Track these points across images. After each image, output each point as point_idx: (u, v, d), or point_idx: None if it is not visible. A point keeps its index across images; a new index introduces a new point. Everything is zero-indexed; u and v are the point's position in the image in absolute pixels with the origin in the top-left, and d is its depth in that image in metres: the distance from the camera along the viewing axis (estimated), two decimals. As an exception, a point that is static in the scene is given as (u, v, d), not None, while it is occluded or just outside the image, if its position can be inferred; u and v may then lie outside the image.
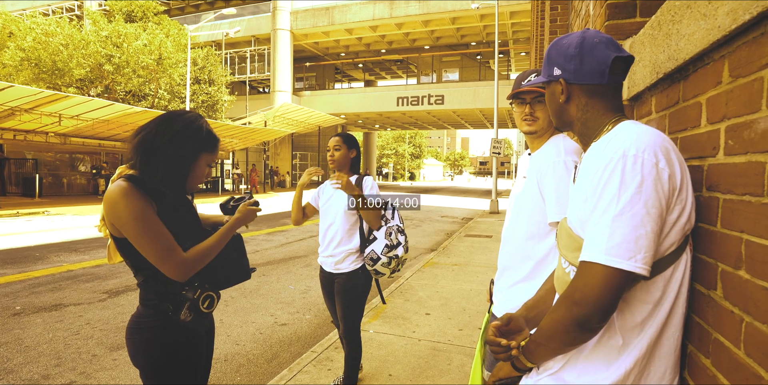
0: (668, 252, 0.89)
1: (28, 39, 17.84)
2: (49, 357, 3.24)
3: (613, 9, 1.54)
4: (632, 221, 0.83)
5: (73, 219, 11.37)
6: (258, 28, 31.52)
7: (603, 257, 0.83)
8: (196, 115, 1.47)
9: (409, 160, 63.55)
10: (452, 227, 11.70)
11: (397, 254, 2.43)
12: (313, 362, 3.10)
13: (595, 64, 1.00)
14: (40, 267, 6.00)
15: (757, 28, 0.75)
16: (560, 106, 1.08)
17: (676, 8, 1.03)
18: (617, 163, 0.86)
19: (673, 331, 0.92)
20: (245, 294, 4.99)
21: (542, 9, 6.78)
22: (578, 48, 1.01)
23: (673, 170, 0.86)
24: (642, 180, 0.84)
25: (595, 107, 1.03)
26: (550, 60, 1.08)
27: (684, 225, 0.89)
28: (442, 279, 5.58)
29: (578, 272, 0.88)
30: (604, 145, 0.93)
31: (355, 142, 2.59)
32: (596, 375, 0.92)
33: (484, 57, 34.95)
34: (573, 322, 0.86)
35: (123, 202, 1.29)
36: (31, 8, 31.83)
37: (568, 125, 1.10)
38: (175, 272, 1.34)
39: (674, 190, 0.86)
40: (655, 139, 0.88)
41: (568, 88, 1.04)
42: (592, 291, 0.83)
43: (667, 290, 0.90)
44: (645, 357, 0.90)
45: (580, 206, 0.96)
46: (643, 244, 0.82)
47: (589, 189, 0.91)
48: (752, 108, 0.77)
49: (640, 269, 0.82)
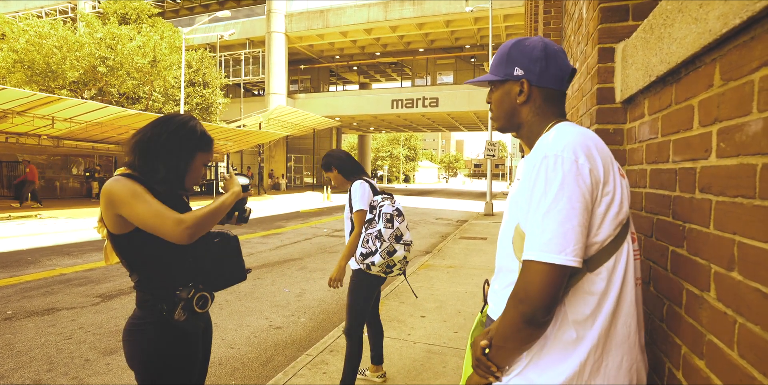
0: (606, 243, 0.92)
1: (21, 41, 17.68)
2: (41, 362, 3.20)
3: (606, 12, 1.55)
4: (558, 216, 0.87)
5: (66, 222, 11.27)
6: (252, 30, 31.48)
7: (538, 254, 0.87)
8: (189, 116, 1.52)
9: (403, 162, 63.60)
10: (447, 229, 11.71)
11: (373, 261, 2.41)
12: (308, 365, 3.08)
13: (557, 69, 1.04)
14: (32, 271, 5.94)
15: (747, 32, 0.76)
16: (514, 107, 1.10)
17: (668, 12, 1.04)
18: (540, 164, 0.91)
19: (624, 319, 0.93)
20: (240, 297, 4.96)
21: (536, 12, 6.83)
22: (544, 52, 1.04)
23: (594, 164, 0.90)
24: (563, 177, 0.88)
25: (545, 111, 1.07)
26: (510, 59, 1.08)
27: (617, 216, 0.92)
28: (437, 281, 5.58)
29: (521, 271, 0.92)
30: (534, 149, 0.98)
31: (327, 163, 2.73)
32: (555, 370, 0.93)
33: (479, 60, 35.10)
34: (521, 319, 0.89)
35: (119, 183, 1.35)
36: (24, 10, 31.65)
37: (517, 127, 1.12)
38: (175, 228, 1.32)
39: (597, 183, 0.90)
40: (575, 138, 0.92)
41: (530, 90, 1.07)
42: (533, 288, 0.87)
43: (612, 280, 0.92)
44: (599, 347, 0.91)
45: (523, 208, 0.98)
46: (571, 237, 0.86)
47: (524, 191, 0.95)
48: (743, 111, 0.77)
49: (571, 262, 0.86)
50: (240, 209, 1.68)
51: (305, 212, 15.89)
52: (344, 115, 32.00)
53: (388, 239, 2.43)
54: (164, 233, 1.33)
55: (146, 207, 1.32)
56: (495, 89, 1.13)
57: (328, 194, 21.93)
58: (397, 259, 2.46)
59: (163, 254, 1.42)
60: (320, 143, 37.28)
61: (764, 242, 0.71)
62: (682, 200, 1.04)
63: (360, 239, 2.51)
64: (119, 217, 1.35)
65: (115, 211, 1.34)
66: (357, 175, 2.70)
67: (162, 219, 1.32)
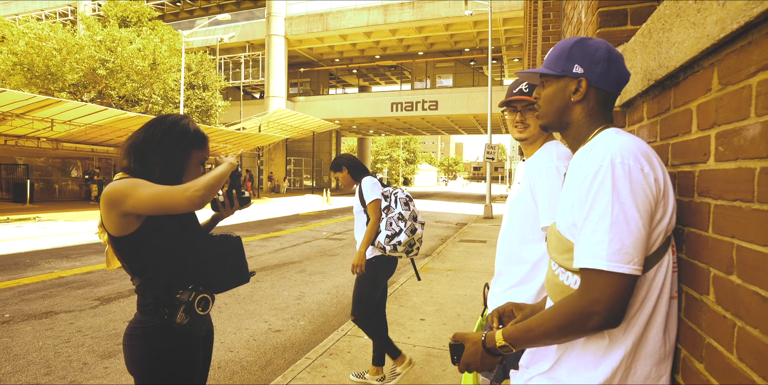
0: (651, 252, 0.91)
1: (20, 43, 17.71)
2: (38, 366, 3.19)
3: (604, 16, 1.56)
4: (628, 226, 0.86)
5: (64, 225, 11.26)
6: (252, 33, 31.56)
7: (605, 264, 0.85)
8: (181, 115, 1.53)
9: (403, 165, 63.64)
10: (446, 232, 11.70)
11: (400, 241, 2.73)
12: (307, 368, 3.07)
13: (617, 74, 1.03)
14: (30, 274, 5.92)
15: (744, 37, 0.77)
16: (567, 105, 1.06)
17: (666, 17, 1.04)
18: (606, 170, 0.88)
19: (656, 330, 0.93)
20: (239, 300, 4.95)
21: (535, 16, 6.86)
22: (607, 54, 1.02)
23: (657, 174, 0.90)
24: (632, 186, 0.87)
25: (596, 114, 1.05)
26: (571, 56, 1.04)
27: (666, 226, 0.92)
28: (437, 284, 5.57)
29: (585, 280, 0.89)
30: (587, 152, 0.95)
31: (338, 164, 3.01)
32: (586, 374, 0.94)
33: (478, 63, 35.22)
34: (590, 327, 0.88)
35: (119, 183, 1.35)
36: (24, 13, 31.72)
37: (564, 126, 1.09)
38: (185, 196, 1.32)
39: (660, 192, 0.90)
40: (638, 146, 0.91)
41: (587, 90, 1.04)
42: (605, 298, 0.86)
43: (650, 290, 0.92)
44: (630, 355, 0.92)
45: (567, 211, 0.97)
46: (639, 247, 0.86)
47: (577, 196, 0.93)
48: (741, 115, 0.78)
49: (638, 271, 0.86)
50: (237, 187, 1.66)
51: (305, 214, 15.88)
52: (344, 118, 32.04)
53: (409, 219, 2.78)
54: (176, 204, 1.32)
55: (149, 190, 1.33)
56: (547, 85, 1.10)
57: (327, 196, 21.93)
58: (417, 237, 2.80)
59: (164, 256, 1.42)
60: (320, 146, 37.32)
61: (763, 245, 0.71)
62: (681, 203, 1.04)
63: (380, 225, 2.78)
64: (122, 216, 1.34)
65: (120, 208, 1.33)
66: (364, 175, 2.95)
67: (168, 192, 1.32)
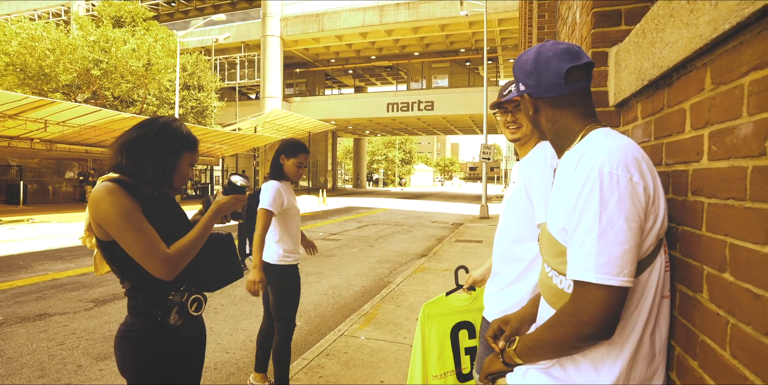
0: (644, 256, 0.92)
1: (13, 43, 17.56)
2: (32, 368, 3.17)
3: (598, 17, 1.57)
4: (616, 238, 0.86)
5: (58, 227, 11.18)
6: (248, 34, 31.47)
7: (594, 276, 0.87)
8: (173, 118, 1.54)
9: (399, 165, 63.69)
10: (443, 232, 11.72)
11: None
12: (304, 369, 3.07)
13: (551, 77, 1.04)
14: (23, 276, 5.88)
15: (736, 37, 0.77)
16: (530, 119, 1.15)
17: (660, 17, 1.05)
18: (594, 181, 0.89)
19: (651, 331, 0.95)
20: (235, 301, 4.94)
21: (530, 16, 6.88)
22: (534, 64, 1.06)
23: (647, 182, 0.90)
24: (620, 197, 0.87)
25: (563, 117, 1.07)
26: (516, 77, 1.14)
27: (658, 230, 0.93)
28: (433, 285, 5.57)
29: (576, 292, 0.91)
30: (577, 157, 0.96)
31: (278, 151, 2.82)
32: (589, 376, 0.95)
33: (473, 63, 35.27)
34: (581, 339, 0.90)
35: (108, 199, 1.31)
36: (16, 13, 31.47)
37: (543, 135, 1.16)
38: (161, 269, 1.32)
39: (649, 200, 0.90)
40: (626, 153, 0.91)
41: (534, 102, 1.10)
42: (595, 310, 0.87)
43: (645, 292, 0.93)
44: (631, 358, 0.93)
45: (559, 216, 0.99)
46: (628, 259, 0.86)
47: (568, 205, 0.94)
48: (734, 114, 0.79)
49: (628, 283, 0.86)
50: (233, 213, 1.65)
51: (301, 215, 15.84)
52: (340, 119, 32.00)
53: None
54: (149, 270, 1.33)
55: (135, 238, 1.30)
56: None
57: (323, 197, 21.90)
58: None
59: None
60: (316, 147, 37.25)
61: (755, 243, 0.72)
62: (675, 202, 1.05)
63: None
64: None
65: (102, 224, 1.33)
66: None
67: (148, 257, 1.31)
